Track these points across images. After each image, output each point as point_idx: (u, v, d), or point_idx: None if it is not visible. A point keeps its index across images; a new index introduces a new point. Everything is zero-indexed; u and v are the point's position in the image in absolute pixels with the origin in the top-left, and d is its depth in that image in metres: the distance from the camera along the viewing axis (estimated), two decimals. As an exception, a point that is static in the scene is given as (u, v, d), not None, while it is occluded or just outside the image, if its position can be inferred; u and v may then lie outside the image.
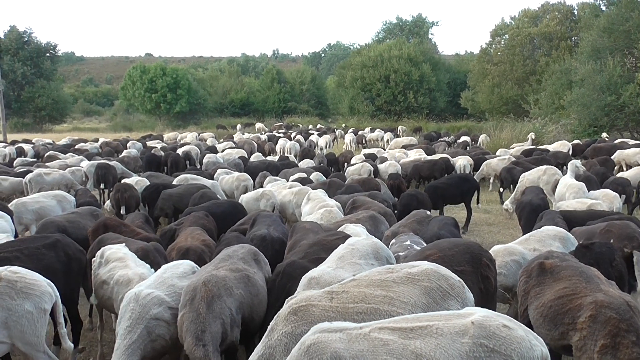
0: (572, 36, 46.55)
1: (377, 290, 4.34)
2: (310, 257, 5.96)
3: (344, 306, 4.22)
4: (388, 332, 3.56)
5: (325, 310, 4.21)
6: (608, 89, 29.68)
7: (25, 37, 62.60)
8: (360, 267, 5.53)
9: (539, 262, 5.48)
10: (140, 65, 62.30)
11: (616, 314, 4.38)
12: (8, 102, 54.14)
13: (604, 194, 11.30)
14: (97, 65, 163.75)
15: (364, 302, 4.23)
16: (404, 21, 73.37)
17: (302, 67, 79.24)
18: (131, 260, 6.37)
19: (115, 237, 7.68)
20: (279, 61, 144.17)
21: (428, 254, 5.60)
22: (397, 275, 4.46)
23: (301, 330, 4.08)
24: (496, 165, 17.88)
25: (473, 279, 5.49)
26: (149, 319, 5.04)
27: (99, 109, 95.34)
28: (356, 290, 4.35)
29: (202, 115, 62.68)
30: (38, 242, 6.73)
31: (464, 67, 61.65)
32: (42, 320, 5.19)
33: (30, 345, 5.13)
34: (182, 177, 14.96)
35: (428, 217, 9.42)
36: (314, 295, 4.38)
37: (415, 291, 4.33)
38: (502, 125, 33.27)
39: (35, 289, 5.20)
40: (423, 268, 4.53)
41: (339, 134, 37.55)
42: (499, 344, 3.50)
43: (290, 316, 4.22)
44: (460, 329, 3.56)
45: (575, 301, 4.73)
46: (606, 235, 7.34)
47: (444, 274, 4.52)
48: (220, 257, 6.11)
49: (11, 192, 15.28)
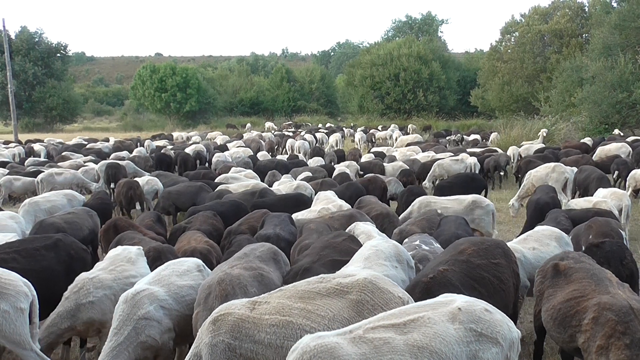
0: (582, 33, 46.24)
1: (297, 302, 4.18)
2: (325, 260, 5.93)
3: (260, 317, 4.08)
4: (383, 330, 3.51)
5: (241, 320, 4.08)
6: (619, 86, 29.48)
7: (36, 38, 62.93)
8: (386, 269, 5.52)
9: (554, 263, 5.44)
10: (150, 65, 62.51)
11: (615, 315, 4.35)
12: (19, 103, 54.51)
13: (612, 192, 11.21)
14: (108, 65, 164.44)
15: (279, 314, 4.09)
16: (414, 19, 73.18)
17: (312, 66, 79.21)
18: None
19: (131, 238, 7.78)
20: (289, 60, 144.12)
21: (462, 249, 5.59)
22: (325, 286, 4.31)
23: (217, 341, 4.02)
24: (448, 166, 17.27)
25: (508, 273, 5.51)
26: (137, 319, 4.96)
27: (109, 108, 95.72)
28: (277, 301, 4.21)
29: (212, 115, 62.81)
30: (37, 243, 6.68)
31: (473, 65, 61.42)
32: (21, 319, 5.12)
33: (15, 343, 5.11)
34: (222, 176, 15.12)
35: (438, 216, 9.41)
36: (237, 304, 4.26)
37: (338, 304, 4.16)
38: (513, 123, 33.11)
39: (10, 289, 5.13)
40: (356, 279, 4.32)
41: (348, 133, 37.54)
42: (485, 327, 3.66)
43: (210, 325, 4.14)
44: (449, 316, 3.65)
45: (582, 303, 4.71)
46: (587, 231, 7.60)
47: (382, 287, 4.29)
48: (237, 256, 6.08)
49: (23, 191, 15.44)
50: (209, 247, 7.53)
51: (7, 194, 15.41)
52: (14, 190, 15.44)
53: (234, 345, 4.02)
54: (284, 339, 3.99)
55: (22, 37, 61.61)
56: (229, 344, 4.02)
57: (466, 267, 5.31)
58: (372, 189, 12.93)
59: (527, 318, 7.53)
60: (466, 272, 5.25)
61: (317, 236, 7.46)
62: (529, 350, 6.60)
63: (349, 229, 7.80)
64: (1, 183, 15.20)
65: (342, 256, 6.13)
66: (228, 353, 4.02)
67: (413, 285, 4.99)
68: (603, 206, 10.00)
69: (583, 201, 10.63)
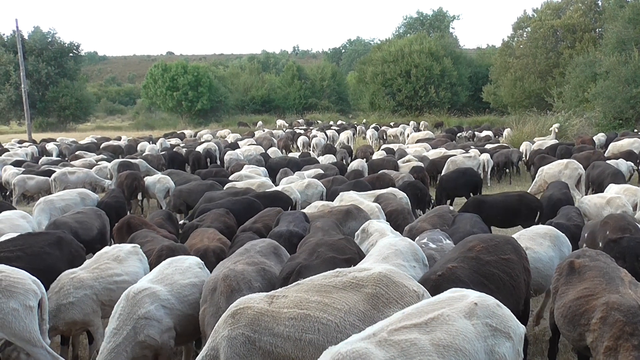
0: (596, 28, 45.79)
1: (315, 295, 4.24)
2: (323, 258, 5.94)
3: (279, 311, 4.14)
4: (406, 331, 3.50)
5: (260, 313, 4.13)
6: (633, 81, 29.19)
7: (49, 38, 63.27)
8: (405, 269, 5.54)
9: (569, 260, 5.40)
10: (162, 64, 62.74)
11: (624, 316, 4.30)
12: (33, 102, 54.89)
13: (626, 188, 11.12)
14: (120, 64, 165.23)
15: (297, 307, 4.15)
16: (425, 15, 72.90)
17: (323, 63, 79.04)
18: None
19: (144, 236, 7.82)
20: (300, 57, 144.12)
21: (471, 246, 5.58)
22: (341, 280, 4.36)
23: (236, 334, 4.06)
24: (461, 162, 16.97)
25: (519, 269, 5.50)
26: (137, 319, 4.94)
27: (121, 107, 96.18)
28: (294, 295, 4.27)
29: (224, 113, 62.89)
30: (41, 241, 6.72)
31: (485, 61, 60.99)
32: (30, 316, 5.14)
33: (25, 341, 5.14)
34: (236, 174, 15.17)
35: (450, 212, 9.37)
36: (256, 298, 4.32)
37: (354, 298, 4.22)
38: (525, 119, 32.86)
39: (19, 287, 5.15)
40: (372, 273, 4.37)
41: (360, 130, 37.48)
42: (499, 322, 3.70)
43: (229, 319, 4.19)
44: (466, 311, 3.67)
45: (591, 302, 4.67)
46: (604, 227, 7.53)
47: (397, 280, 4.34)
48: (238, 252, 6.14)
49: (37, 190, 15.58)
50: (222, 245, 7.53)
51: (20, 193, 15.56)
52: (27, 189, 15.60)
53: (254, 338, 4.06)
54: (303, 332, 4.05)
55: (35, 37, 62.00)
56: (248, 337, 4.07)
57: (475, 263, 5.30)
58: (380, 186, 12.87)
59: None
60: (475, 269, 5.24)
61: (322, 234, 7.46)
62: (542, 347, 6.58)
63: (363, 227, 7.79)
64: (15, 182, 15.36)
65: (338, 253, 6.11)
66: (248, 346, 4.06)
67: (422, 282, 4.97)
68: (617, 202, 9.93)
69: (596, 197, 10.54)
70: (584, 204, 10.53)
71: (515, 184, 18.43)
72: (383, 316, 4.06)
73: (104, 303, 5.89)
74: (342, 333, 4.01)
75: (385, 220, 8.80)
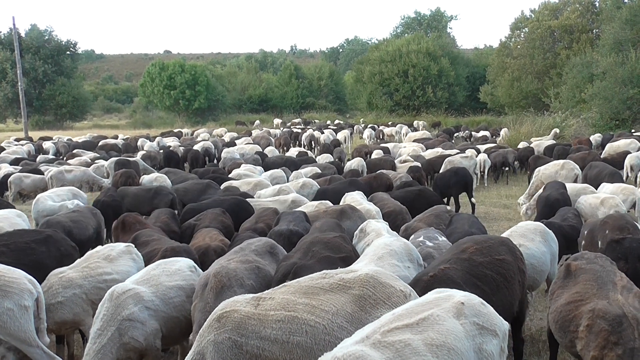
0: (593, 28, 45.92)
1: (301, 297, 4.19)
2: (318, 257, 5.91)
3: (265, 313, 4.09)
4: (399, 332, 3.49)
5: (247, 317, 4.07)
6: (630, 82, 29.24)
7: (45, 36, 63.13)
8: (399, 270, 5.52)
9: (567, 263, 5.37)
10: (159, 62, 62.74)
11: (609, 325, 4.27)
12: (30, 100, 54.82)
13: (622, 187, 11.16)
14: (117, 62, 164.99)
15: (284, 309, 4.09)
16: (422, 15, 72.86)
17: (320, 63, 79.05)
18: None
19: (148, 235, 7.75)
20: (297, 57, 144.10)
21: (464, 247, 5.54)
22: (328, 282, 4.32)
23: (222, 338, 4.01)
24: (458, 162, 16.85)
25: (514, 270, 5.46)
26: (121, 320, 4.88)
27: (118, 106, 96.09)
28: (281, 297, 4.22)
29: (221, 112, 62.89)
30: (27, 237, 6.63)
31: (483, 61, 61.09)
32: (25, 316, 5.10)
33: (20, 341, 5.10)
34: (234, 173, 15.19)
35: (447, 212, 9.36)
36: (242, 301, 4.26)
37: (341, 299, 4.18)
38: (522, 119, 32.92)
39: (14, 287, 5.10)
40: (358, 274, 4.34)
41: (357, 130, 37.48)
42: (485, 320, 3.78)
43: (214, 323, 4.12)
44: (454, 311, 3.72)
45: (580, 308, 4.64)
46: (603, 227, 7.55)
47: (384, 281, 4.30)
48: (233, 250, 6.15)
49: (33, 189, 15.54)
50: (222, 245, 7.52)
51: (16, 191, 15.52)
52: (23, 187, 15.56)
53: (240, 342, 4.01)
54: (290, 334, 4.00)
55: (32, 35, 61.88)
56: (235, 341, 4.01)
57: (468, 265, 5.25)
58: (377, 185, 12.85)
59: (537, 315, 7.50)
60: (468, 270, 5.19)
61: (318, 234, 7.43)
62: (538, 347, 6.57)
63: (361, 227, 7.78)
64: (11, 180, 15.31)
65: (334, 251, 6.09)
66: (235, 350, 4.01)
67: (413, 283, 4.95)
68: (611, 202, 9.95)
69: (592, 197, 10.56)
70: (580, 204, 10.54)
71: (512, 184, 18.46)
72: (371, 317, 4.04)
73: (94, 302, 5.79)
74: (330, 335, 3.98)
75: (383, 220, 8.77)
